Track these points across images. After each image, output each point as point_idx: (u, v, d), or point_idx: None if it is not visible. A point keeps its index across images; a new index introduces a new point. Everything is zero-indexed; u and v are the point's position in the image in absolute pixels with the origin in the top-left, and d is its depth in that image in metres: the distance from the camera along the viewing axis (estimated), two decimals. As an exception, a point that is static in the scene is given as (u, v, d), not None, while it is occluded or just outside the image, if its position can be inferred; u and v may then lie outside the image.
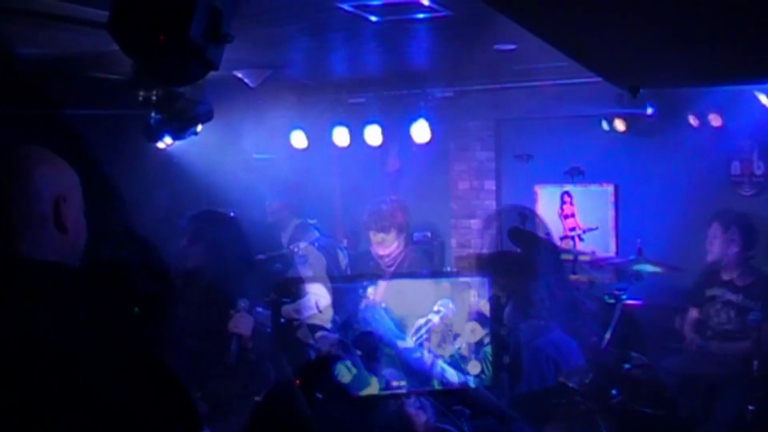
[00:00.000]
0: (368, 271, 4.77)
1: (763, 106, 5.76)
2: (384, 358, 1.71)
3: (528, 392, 2.76)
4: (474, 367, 0.55)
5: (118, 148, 6.32)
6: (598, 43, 2.81)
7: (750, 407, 4.53)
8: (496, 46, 5.28)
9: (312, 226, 5.54)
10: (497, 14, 2.61)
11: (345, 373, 1.96)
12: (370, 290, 1.89)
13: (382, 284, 2.30)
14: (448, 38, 5.18)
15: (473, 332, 0.57)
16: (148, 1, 2.01)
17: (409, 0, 4.09)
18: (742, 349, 4.83)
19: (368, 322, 1.71)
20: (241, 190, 7.00)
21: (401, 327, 1.68)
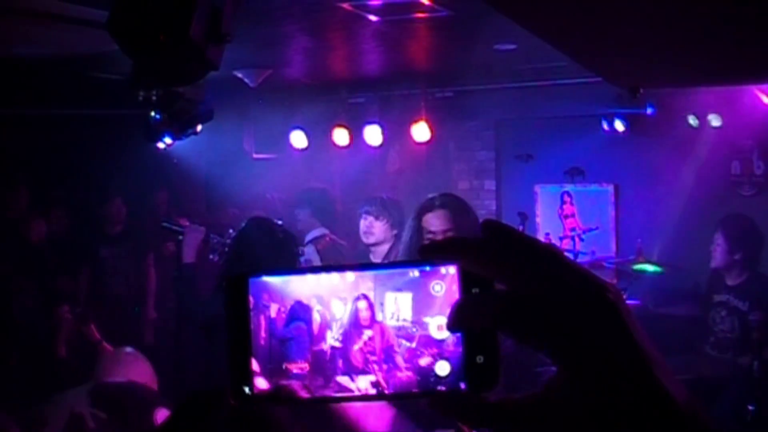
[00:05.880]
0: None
1: (764, 105, 5.75)
2: None
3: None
4: (442, 369, 0.48)
5: (118, 148, 6.32)
6: (598, 43, 2.81)
7: (750, 407, 4.52)
8: (496, 46, 5.28)
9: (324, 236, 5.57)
10: (497, 14, 2.61)
11: None
12: None
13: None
14: (448, 38, 5.18)
15: (440, 329, 0.50)
16: (148, 1, 2.01)
17: (409, 0, 4.09)
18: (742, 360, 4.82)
19: None
20: (241, 190, 7.00)
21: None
